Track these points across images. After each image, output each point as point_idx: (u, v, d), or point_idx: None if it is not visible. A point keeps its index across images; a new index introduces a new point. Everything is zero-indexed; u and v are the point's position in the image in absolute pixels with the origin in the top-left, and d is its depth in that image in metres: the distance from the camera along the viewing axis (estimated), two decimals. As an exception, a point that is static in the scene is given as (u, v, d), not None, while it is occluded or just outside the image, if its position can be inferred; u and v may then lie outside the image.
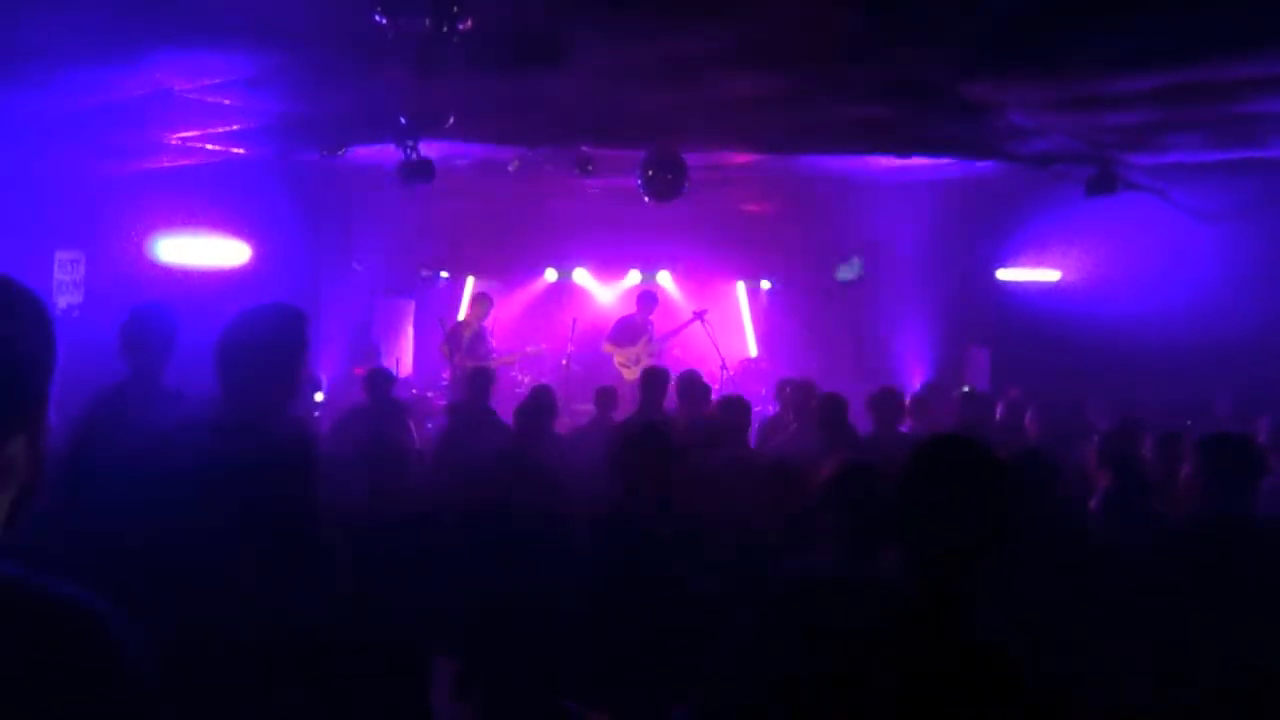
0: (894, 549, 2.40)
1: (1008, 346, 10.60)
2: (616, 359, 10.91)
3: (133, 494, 2.47)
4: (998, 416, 7.29)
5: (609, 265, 13.74)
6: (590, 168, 8.72)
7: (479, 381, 7.25)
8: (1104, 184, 7.79)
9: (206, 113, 7.11)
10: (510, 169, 9.31)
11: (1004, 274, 11.11)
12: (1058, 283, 10.88)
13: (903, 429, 6.74)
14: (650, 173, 8.26)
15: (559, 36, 4.96)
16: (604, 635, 3.47)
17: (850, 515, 2.51)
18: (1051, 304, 10.42)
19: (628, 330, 11.08)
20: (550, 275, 13.77)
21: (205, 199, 9.96)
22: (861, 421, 6.63)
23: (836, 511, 2.54)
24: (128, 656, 1.09)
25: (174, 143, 8.17)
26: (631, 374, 10.26)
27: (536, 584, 3.52)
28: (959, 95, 6.16)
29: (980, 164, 8.64)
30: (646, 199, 8.42)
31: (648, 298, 11.37)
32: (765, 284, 13.78)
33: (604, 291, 13.86)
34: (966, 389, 8.99)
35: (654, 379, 6.97)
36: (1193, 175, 8.29)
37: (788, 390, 7.68)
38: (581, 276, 13.79)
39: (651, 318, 11.17)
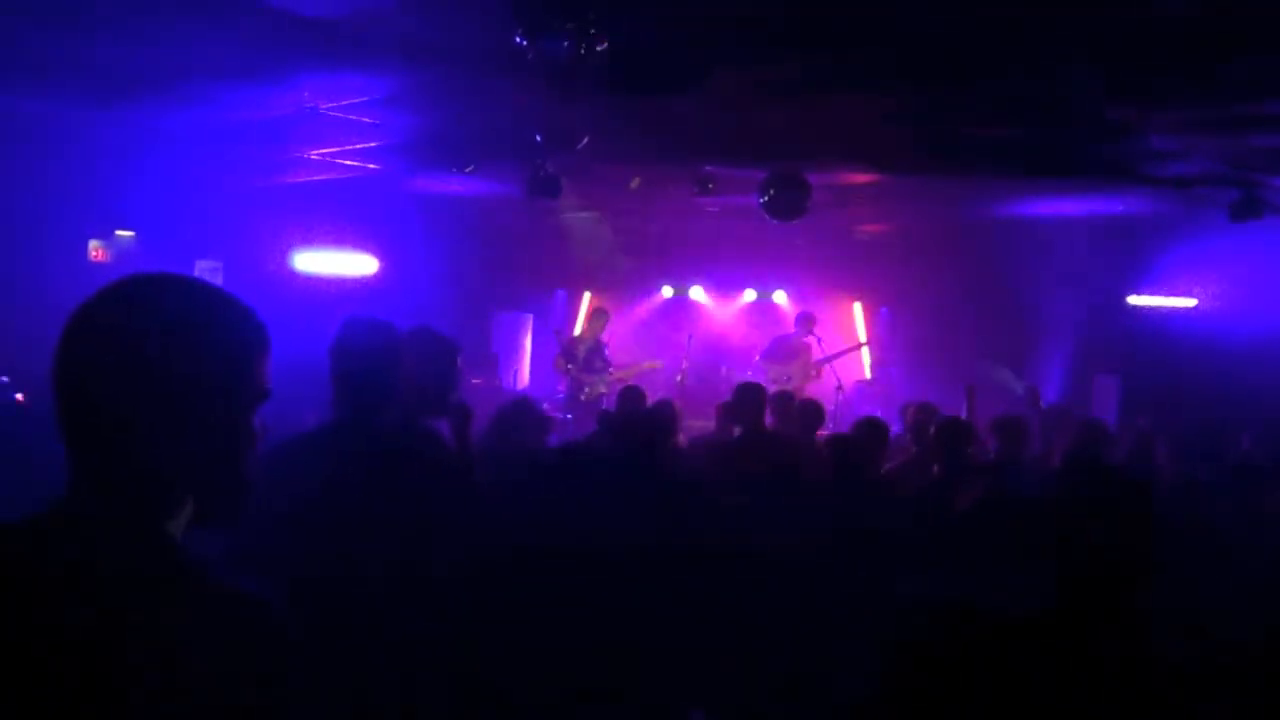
0: (1040, 575, 2.37)
1: (1138, 374, 10.24)
2: (769, 375, 10.77)
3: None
4: (1125, 447, 7.03)
5: (725, 283, 13.78)
6: (711, 186, 8.73)
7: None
8: (1249, 208, 7.47)
9: (346, 130, 7.39)
10: (631, 186, 9.40)
11: (1136, 300, 10.75)
12: (1193, 309, 10.49)
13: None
14: (772, 192, 8.22)
15: (699, 61, 5.00)
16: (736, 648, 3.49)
17: (994, 540, 2.48)
18: (1186, 331, 10.05)
19: (784, 349, 10.91)
20: (666, 291, 13.87)
21: (338, 212, 10.34)
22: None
23: (980, 536, 2.51)
24: (291, 636, 1.26)
25: (313, 158, 8.50)
26: None
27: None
28: (1101, 116, 6.00)
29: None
30: (768, 218, 8.39)
31: (805, 318, 11.18)
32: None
33: (720, 309, 13.90)
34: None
35: (751, 395, 6.09)
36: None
37: (910, 413, 7.54)
38: (697, 294, 13.85)
39: (809, 339, 10.94)
